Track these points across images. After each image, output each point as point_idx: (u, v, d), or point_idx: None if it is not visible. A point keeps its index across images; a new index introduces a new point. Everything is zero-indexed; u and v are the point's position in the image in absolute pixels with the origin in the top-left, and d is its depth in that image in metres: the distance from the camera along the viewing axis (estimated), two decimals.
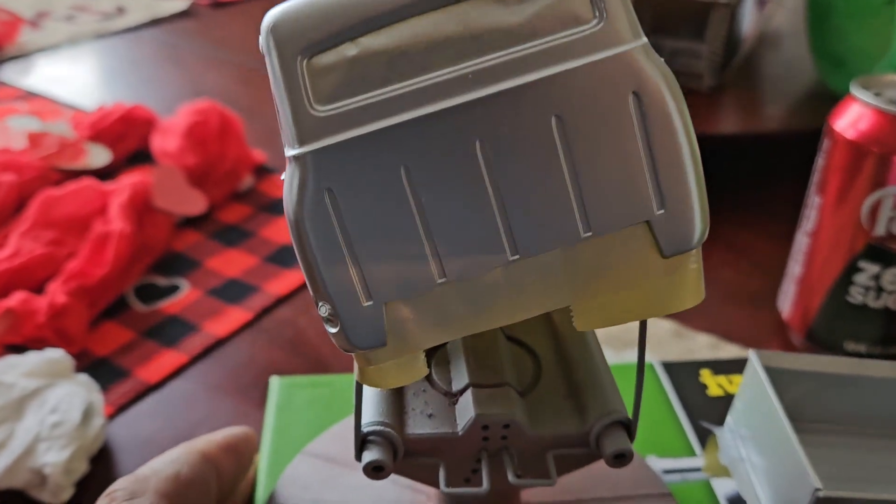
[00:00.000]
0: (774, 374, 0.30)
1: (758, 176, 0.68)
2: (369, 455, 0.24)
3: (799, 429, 0.29)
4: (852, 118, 0.43)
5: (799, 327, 0.48)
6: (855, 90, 0.44)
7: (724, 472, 0.32)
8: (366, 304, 0.21)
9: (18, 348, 0.45)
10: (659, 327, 0.49)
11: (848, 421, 0.31)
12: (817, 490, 0.25)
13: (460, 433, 0.25)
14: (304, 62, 0.20)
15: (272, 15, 0.21)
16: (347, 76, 0.20)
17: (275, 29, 0.20)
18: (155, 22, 0.99)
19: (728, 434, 0.32)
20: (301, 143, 0.20)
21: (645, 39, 0.20)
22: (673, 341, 0.48)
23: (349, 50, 0.20)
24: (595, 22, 0.20)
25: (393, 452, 0.25)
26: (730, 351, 0.48)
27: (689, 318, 0.50)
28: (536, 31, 0.20)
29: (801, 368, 0.30)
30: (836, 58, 0.69)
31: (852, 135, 0.43)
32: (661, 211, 0.21)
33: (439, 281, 0.21)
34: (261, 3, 1.08)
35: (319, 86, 0.20)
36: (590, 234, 0.21)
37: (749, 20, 0.78)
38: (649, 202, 0.21)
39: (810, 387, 0.30)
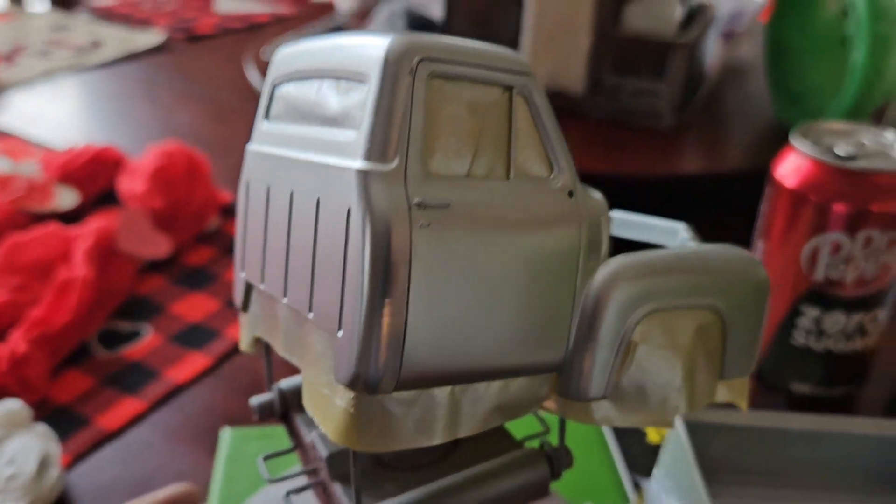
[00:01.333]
0: (698, 429, 0.31)
1: (719, 215, 0.69)
2: None
3: (722, 481, 0.30)
4: (792, 166, 0.45)
5: None
6: (794, 139, 0.45)
7: None
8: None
9: None
10: None
11: (771, 472, 0.32)
12: None
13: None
14: None
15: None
16: None
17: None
18: (130, 57, 1.00)
19: (655, 487, 0.33)
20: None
21: (394, 165, 0.21)
22: None
23: None
24: (354, 132, 0.22)
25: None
26: None
27: None
28: (339, 123, 0.23)
29: (723, 422, 0.31)
30: (793, 95, 0.70)
31: (792, 183, 0.44)
32: (340, 331, 0.21)
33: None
34: (234, 36, 1.09)
35: None
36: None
37: (713, 53, 0.79)
38: (334, 323, 0.21)
39: (734, 440, 0.31)
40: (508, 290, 0.23)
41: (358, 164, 0.21)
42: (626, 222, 0.35)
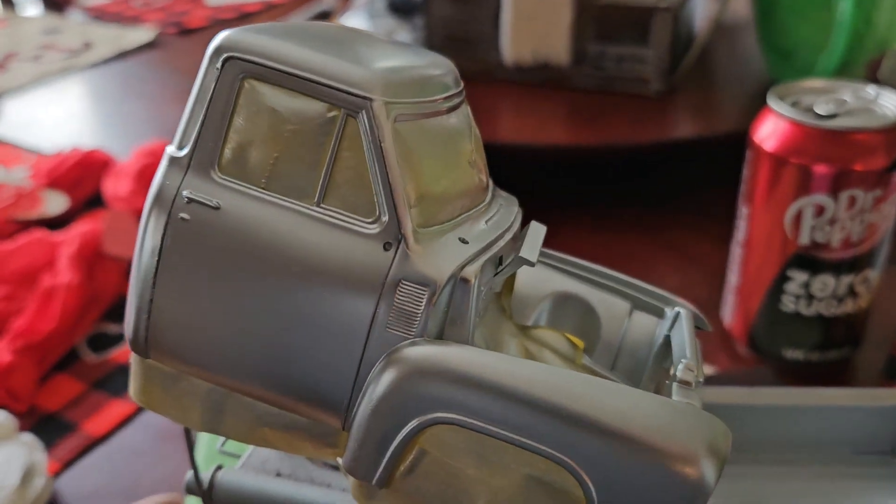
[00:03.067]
0: None
1: (713, 180, 0.67)
2: None
3: None
4: (770, 129, 0.43)
5: (740, 337, 0.48)
6: (771, 101, 0.44)
7: None
8: None
9: None
10: None
11: (747, 449, 0.32)
12: None
13: None
14: None
15: None
16: None
17: None
18: (122, 55, 1.00)
19: None
20: None
21: (182, 153, 0.23)
22: None
23: None
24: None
25: None
26: None
27: None
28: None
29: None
30: (783, 51, 0.68)
31: (771, 146, 0.43)
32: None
33: None
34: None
35: None
36: None
37: (701, 15, 0.77)
38: None
39: None
40: (263, 319, 0.22)
41: (171, 147, 0.23)
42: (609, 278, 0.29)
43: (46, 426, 0.46)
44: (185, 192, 0.22)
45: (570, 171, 0.69)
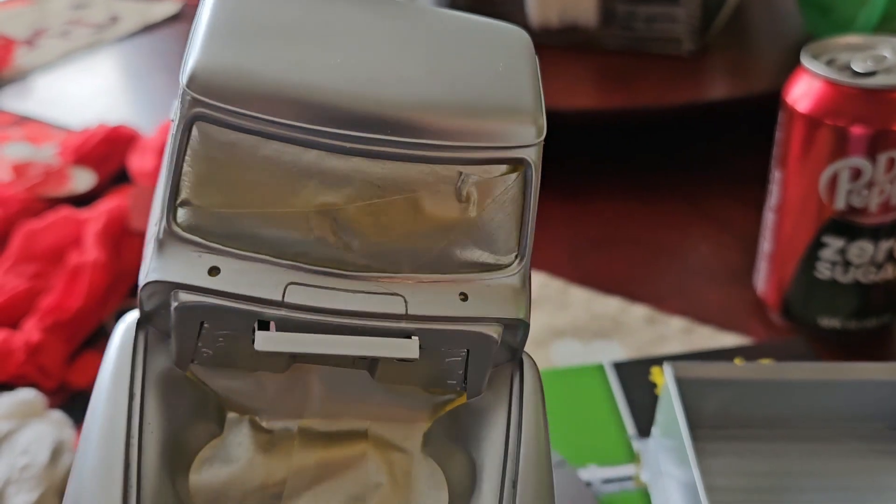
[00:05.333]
0: (692, 385, 0.29)
1: (748, 142, 0.65)
2: None
3: (722, 437, 0.29)
4: (804, 89, 0.42)
5: (774, 305, 0.47)
6: (805, 60, 0.42)
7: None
8: None
9: (2, 386, 0.47)
10: (631, 314, 0.49)
11: (774, 425, 0.31)
12: None
13: None
14: None
15: None
16: None
17: None
18: (148, 28, 1.00)
19: (652, 447, 0.32)
20: None
21: None
22: (644, 329, 0.47)
23: None
24: None
25: None
26: (702, 335, 0.47)
27: (665, 301, 0.49)
28: None
29: (718, 377, 0.30)
30: (821, 6, 0.66)
31: (805, 107, 0.41)
32: None
33: None
34: None
35: None
36: None
37: None
38: None
39: (732, 395, 0.30)
40: None
41: None
42: None
43: (76, 403, 0.46)
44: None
45: (599, 135, 0.68)
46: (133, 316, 0.23)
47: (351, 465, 0.23)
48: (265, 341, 0.21)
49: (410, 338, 0.21)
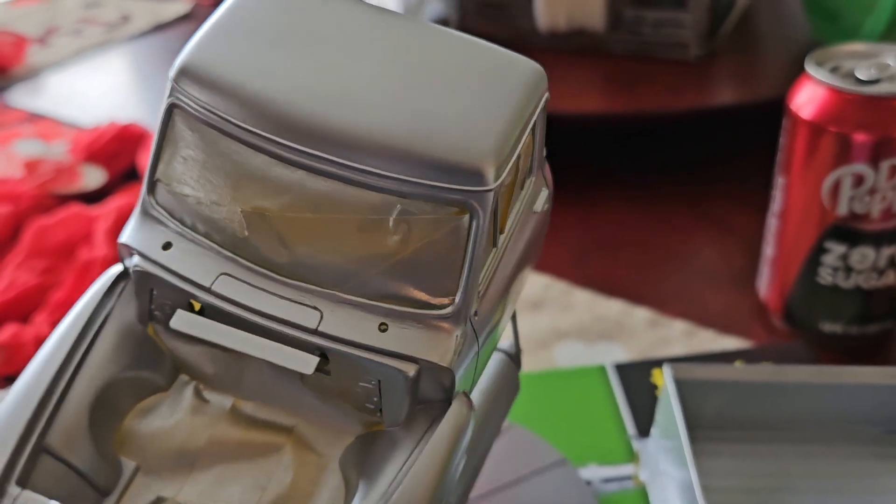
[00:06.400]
0: (691, 386, 0.29)
1: (753, 148, 0.66)
2: None
3: (716, 438, 0.29)
4: (808, 96, 0.42)
5: (776, 309, 0.47)
6: (809, 67, 0.42)
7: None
8: None
9: (12, 378, 0.48)
10: (634, 317, 0.49)
11: (773, 427, 0.31)
12: None
13: None
14: None
15: None
16: None
17: None
18: (159, 28, 1.01)
19: (652, 447, 0.32)
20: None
21: None
22: (647, 331, 0.48)
23: None
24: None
25: None
26: (704, 338, 0.47)
27: (667, 304, 0.50)
28: None
29: (717, 378, 0.30)
30: (828, 13, 0.66)
31: (808, 114, 0.42)
32: None
33: None
34: None
35: None
36: None
37: None
38: None
39: (731, 396, 0.30)
40: None
41: None
42: None
43: None
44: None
45: (606, 139, 0.68)
46: (117, 268, 0.25)
47: (266, 454, 0.24)
48: (179, 321, 0.23)
49: (314, 353, 0.22)
